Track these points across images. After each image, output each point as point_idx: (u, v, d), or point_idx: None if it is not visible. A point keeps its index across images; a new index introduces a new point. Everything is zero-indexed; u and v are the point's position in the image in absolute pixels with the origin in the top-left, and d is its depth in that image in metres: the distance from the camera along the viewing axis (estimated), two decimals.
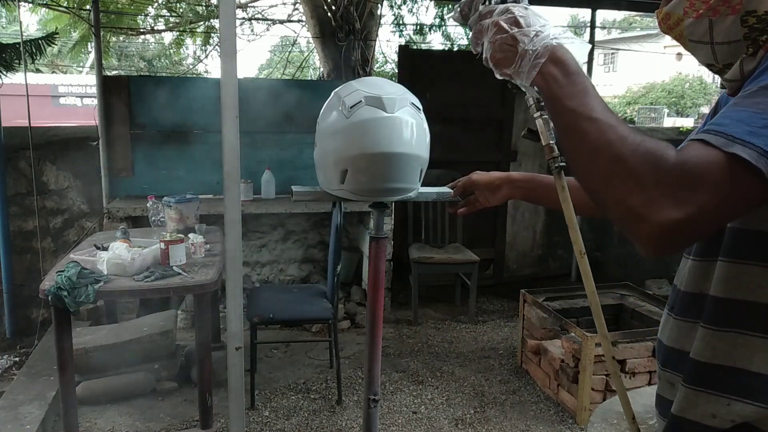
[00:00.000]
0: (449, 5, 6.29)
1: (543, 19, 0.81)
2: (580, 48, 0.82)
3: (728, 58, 0.82)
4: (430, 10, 6.82)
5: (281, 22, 7.15)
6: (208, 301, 2.70)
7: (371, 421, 1.53)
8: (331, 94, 1.42)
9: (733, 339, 0.78)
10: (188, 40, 7.29)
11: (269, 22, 7.23)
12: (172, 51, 8.50)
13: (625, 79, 21.85)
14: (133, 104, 4.24)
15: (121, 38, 8.61)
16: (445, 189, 1.48)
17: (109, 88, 4.21)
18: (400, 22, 6.47)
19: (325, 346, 3.70)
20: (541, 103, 0.91)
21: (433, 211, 4.56)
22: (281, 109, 4.41)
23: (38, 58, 3.95)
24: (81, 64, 12.62)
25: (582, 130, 0.72)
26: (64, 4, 5.24)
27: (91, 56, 8.35)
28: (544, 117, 0.91)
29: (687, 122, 16.50)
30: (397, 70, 5.16)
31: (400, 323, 4.27)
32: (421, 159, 1.37)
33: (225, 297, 2.18)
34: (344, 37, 4.99)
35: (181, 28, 6.62)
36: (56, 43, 4.32)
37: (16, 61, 3.78)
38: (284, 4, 7.07)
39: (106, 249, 2.68)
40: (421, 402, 3.17)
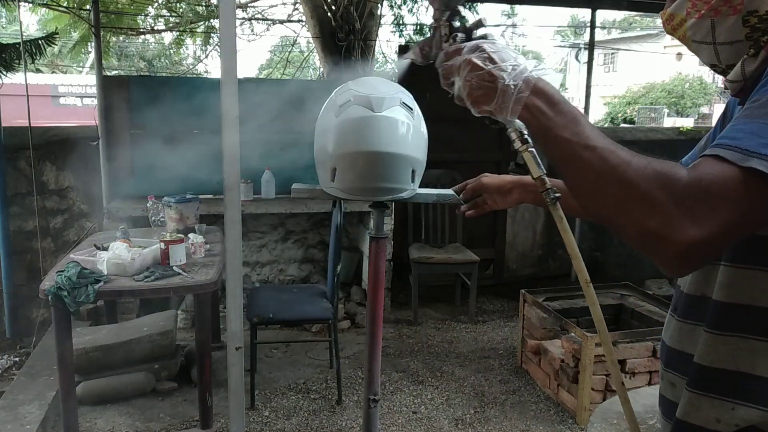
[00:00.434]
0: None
1: (514, 53, 0.81)
2: (553, 79, 0.81)
3: (731, 58, 0.82)
4: (430, 10, 6.78)
5: (281, 22, 7.15)
6: (208, 301, 2.70)
7: (371, 421, 1.53)
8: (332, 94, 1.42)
9: (736, 343, 0.78)
10: (188, 40, 7.29)
11: (269, 22, 7.23)
12: (172, 51, 8.51)
13: (625, 79, 21.86)
14: (133, 104, 4.24)
15: (121, 38, 8.61)
16: (446, 191, 1.45)
17: (109, 88, 4.21)
18: (400, 22, 6.47)
19: (325, 346, 3.70)
20: (524, 136, 0.88)
21: (433, 211, 4.56)
22: (281, 109, 4.40)
23: (38, 58, 3.94)
24: (81, 64, 12.63)
25: (583, 159, 0.73)
26: (64, 4, 5.24)
27: (91, 56, 8.36)
28: (530, 150, 0.88)
29: (687, 122, 16.51)
30: (396, 71, 5.17)
31: (400, 323, 4.27)
32: (411, 159, 1.33)
33: (225, 297, 2.18)
34: (344, 37, 4.99)
35: (181, 28, 6.62)
36: (56, 43, 4.31)
37: (16, 61, 3.77)
38: (284, 4, 7.07)
39: (106, 249, 2.68)
40: (421, 402, 3.17)
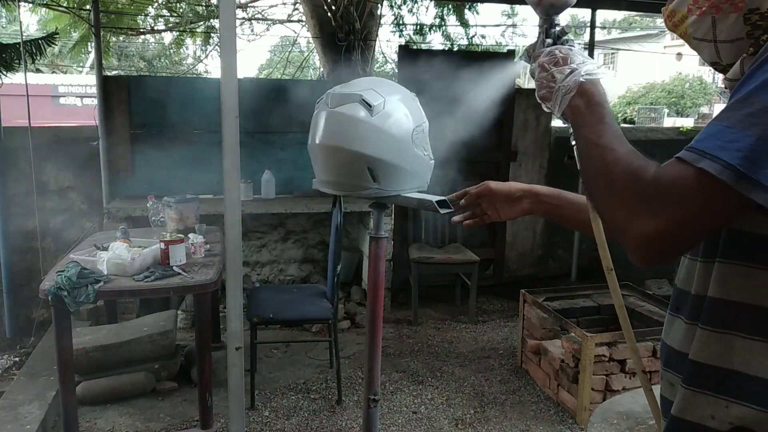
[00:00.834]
0: (449, 5, 6.29)
1: (583, 57, 0.89)
2: (611, 80, 0.89)
3: (732, 56, 0.82)
4: (430, 10, 6.80)
5: (281, 22, 7.16)
6: (208, 301, 2.70)
7: (371, 421, 1.53)
8: None
9: (731, 341, 0.78)
10: (188, 40, 7.29)
11: (269, 22, 7.24)
12: (172, 51, 8.51)
13: (625, 79, 21.85)
14: (133, 104, 4.24)
15: (121, 38, 8.61)
16: (429, 197, 1.39)
17: (109, 88, 4.21)
18: (400, 22, 6.47)
19: (325, 346, 3.70)
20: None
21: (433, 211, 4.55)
22: (281, 109, 4.41)
23: (38, 58, 3.94)
24: (81, 64, 12.62)
25: (590, 155, 0.81)
26: (64, 4, 5.24)
27: (91, 56, 8.35)
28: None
29: (687, 122, 16.49)
30: (397, 70, 5.16)
31: (400, 323, 4.27)
32: (365, 157, 1.32)
33: (225, 297, 2.18)
34: (344, 37, 4.99)
35: (181, 28, 6.62)
36: (56, 43, 4.31)
37: (16, 61, 3.77)
38: (284, 4, 7.08)
39: (106, 249, 2.68)
40: (421, 402, 3.17)
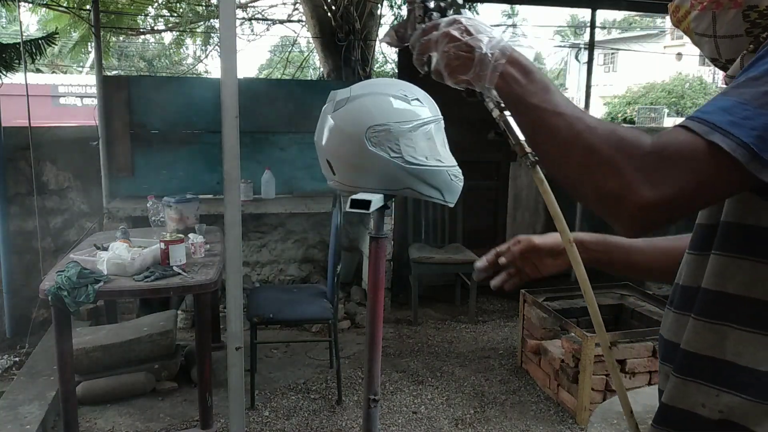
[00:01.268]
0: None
1: (489, 27, 0.85)
2: (527, 52, 0.87)
3: (731, 53, 0.83)
4: None
5: (281, 22, 7.15)
6: (208, 301, 2.70)
7: (371, 421, 1.53)
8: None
9: (725, 332, 0.78)
10: (188, 40, 7.29)
11: (269, 22, 7.23)
12: (172, 51, 8.51)
13: (625, 79, 21.86)
14: (133, 104, 4.24)
15: (121, 38, 8.61)
16: (377, 203, 1.38)
17: (109, 88, 4.21)
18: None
19: (325, 346, 3.70)
20: (501, 104, 0.92)
21: (433, 211, 4.56)
22: (281, 109, 4.42)
23: (38, 58, 3.95)
24: (81, 64, 12.62)
25: (550, 125, 0.76)
26: (64, 4, 5.24)
27: (91, 56, 8.35)
28: (509, 116, 0.92)
29: None
30: (397, 70, 5.17)
31: (400, 323, 4.27)
32: (322, 148, 1.46)
33: (225, 297, 2.18)
34: (344, 37, 4.99)
35: (181, 28, 6.62)
36: (56, 43, 4.32)
37: (16, 61, 3.78)
38: (284, 4, 7.07)
39: (106, 249, 2.68)
40: (421, 402, 3.17)
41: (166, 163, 4.34)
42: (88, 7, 4.52)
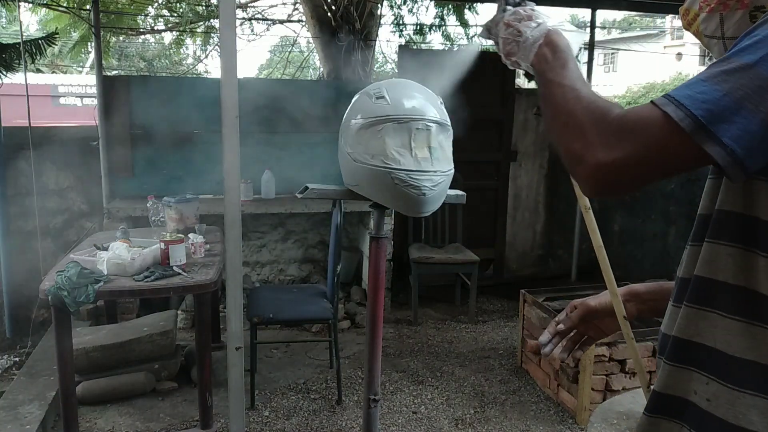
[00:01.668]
0: (449, 5, 6.29)
1: (546, 16, 0.95)
2: (577, 36, 0.96)
3: None
4: (430, 10, 6.80)
5: (281, 22, 7.15)
6: (208, 301, 2.70)
7: (371, 421, 1.53)
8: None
9: (714, 319, 0.79)
10: (188, 40, 7.29)
11: (269, 22, 7.23)
12: (172, 51, 8.50)
13: (625, 79, 21.83)
14: (133, 104, 4.24)
15: (121, 38, 8.60)
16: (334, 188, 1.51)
17: (109, 88, 4.21)
18: (400, 22, 6.47)
19: (325, 346, 3.70)
20: None
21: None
22: (281, 109, 4.41)
23: (38, 58, 3.94)
24: (81, 64, 12.61)
25: (552, 94, 0.85)
26: (64, 4, 5.24)
27: (91, 56, 8.34)
28: None
29: None
30: (397, 70, 5.17)
31: (400, 323, 4.27)
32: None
33: (225, 297, 2.18)
34: (344, 37, 4.99)
35: (181, 28, 6.61)
36: (56, 43, 4.32)
37: (16, 61, 3.77)
38: (284, 4, 7.07)
39: (106, 249, 2.67)
40: (421, 402, 3.17)
41: (166, 163, 4.34)
42: (88, 7, 4.52)
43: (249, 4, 7.02)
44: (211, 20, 6.46)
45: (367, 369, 1.51)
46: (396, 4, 6.34)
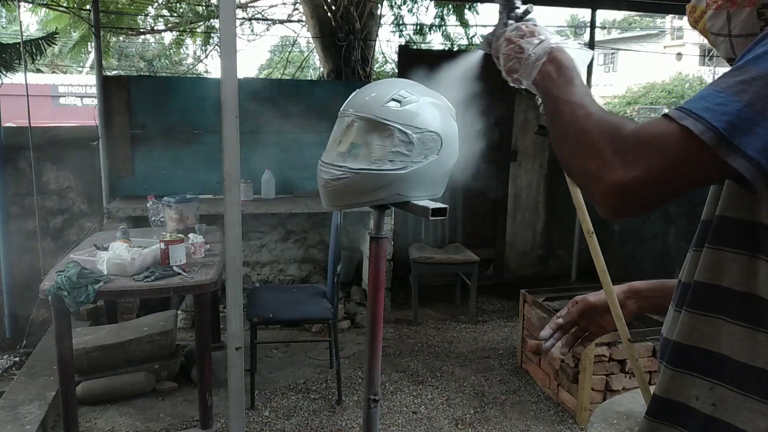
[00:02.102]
0: (449, 5, 6.29)
1: (549, 32, 0.93)
2: (583, 55, 0.93)
3: None
4: (430, 10, 6.80)
5: (281, 22, 7.14)
6: (208, 301, 2.70)
7: (371, 421, 1.53)
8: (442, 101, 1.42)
9: (719, 325, 0.79)
10: (188, 40, 7.28)
11: (269, 22, 7.22)
12: (172, 51, 8.50)
13: (625, 79, 21.83)
14: (133, 104, 4.24)
15: (121, 38, 8.60)
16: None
17: (109, 88, 4.21)
18: (400, 22, 6.46)
19: (325, 346, 3.70)
20: None
21: None
22: (281, 109, 4.41)
23: (38, 58, 3.95)
24: (81, 64, 12.60)
25: (559, 111, 0.83)
26: (64, 4, 5.24)
27: (91, 56, 8.34)
28: None
29: None
30: (397, 70, 5.16)
31: (400, 323, 4.27)
32: None
33: (225, 297, 2.18)
34: (344, 37, 4.99)
35: (181, 28, 6.61)
36: (56, 43, 4.32)
37: (16, 61, 3.78)
38: (284, 4, 7.06)
39: (106, 249, 2.68)
40: (421, 402, 3.17)
41: (166, 163, 4.34)
42: (88, 7, 4.51)
43: (249, 4, 7.02)
44: (211, 20, 6.46)
45: (367, 369, 1.51)
46: (396, 4, 6.34)
